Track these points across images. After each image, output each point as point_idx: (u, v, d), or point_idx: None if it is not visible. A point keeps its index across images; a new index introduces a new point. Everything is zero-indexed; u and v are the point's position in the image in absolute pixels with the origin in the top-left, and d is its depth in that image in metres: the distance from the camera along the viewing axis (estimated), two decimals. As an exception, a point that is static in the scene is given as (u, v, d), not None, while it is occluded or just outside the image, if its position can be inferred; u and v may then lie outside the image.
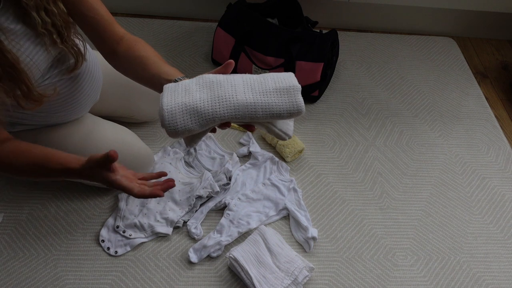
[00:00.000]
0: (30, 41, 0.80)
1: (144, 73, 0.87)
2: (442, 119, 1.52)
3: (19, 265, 1.07)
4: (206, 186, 1.19)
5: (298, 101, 0.74)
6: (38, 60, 0.82)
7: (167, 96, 0.74)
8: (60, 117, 1.01)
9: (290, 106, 0.73)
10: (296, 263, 1.07)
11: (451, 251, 1.19)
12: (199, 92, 0.74)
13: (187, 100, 0.73)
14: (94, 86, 1.04)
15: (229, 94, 0.73)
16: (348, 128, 1.45)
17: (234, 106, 0.73)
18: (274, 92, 0.74)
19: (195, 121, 0.72)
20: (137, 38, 0.92)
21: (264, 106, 0.73)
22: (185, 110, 0.72)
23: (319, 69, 1.41)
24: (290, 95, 0.74)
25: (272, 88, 0.74)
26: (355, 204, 1.26)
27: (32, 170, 0.84)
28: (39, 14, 0.78)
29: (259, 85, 0.75)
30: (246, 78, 0.76)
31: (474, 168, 1.39)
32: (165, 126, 0.73)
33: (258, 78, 0.76)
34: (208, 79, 0.76)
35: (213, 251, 1.11)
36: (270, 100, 0.73)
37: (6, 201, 1.17)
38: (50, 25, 0.81)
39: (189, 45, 1.64)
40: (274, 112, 0.73)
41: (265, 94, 0.74)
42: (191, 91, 0.74)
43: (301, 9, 1.51)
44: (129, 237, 1.12)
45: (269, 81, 0.76)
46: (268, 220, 1.19)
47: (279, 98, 0.74)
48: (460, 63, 1.73)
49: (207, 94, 0.74)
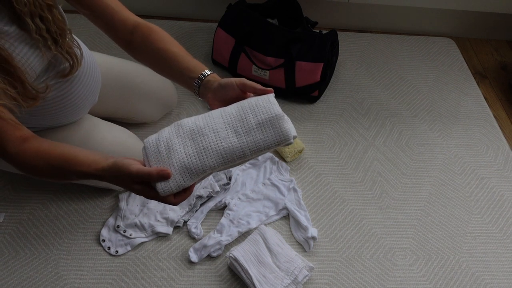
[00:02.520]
0: (24, 43, 0.79)
1: (165, 68, 0.84)
2: (441, 119, 1.53)
3: (20, 265, 1.08)
4: (206, 186, 1.19)
5: (283, 130, 0.72)
6: (33, 62, 0.82)
7: (152, 160, 0.72)
8: (59, 119, 1.01)
9: (277, 137, 0.72)
10: (296, 263, 1.07)
11: (450, 251, 1.20)
12: (183, 147, 0.72)
13: (172, 160, 0.71)
14: (92, 88, 1.04)
15: (213, 143, 0.71)
16: (348, 128, 1.45)
17: (221, 154, 0.71)
18: (257, 129, 0.72)
19: (186, 178, 0.71)
20: (151, 26, 0.89)
21: (251, 145, 0.71)
22: (173, 172, 0.70)
23: (319, 69, 1.42)
24: (274, 127, 0.72)
25: (255, 123, 0.72)
26: (354, 204, 1.27)
27: (53, 173, 0.80)
28: (34, 21, 0.78)
29: (241, 124, 0.72)
30: (226, 118, 0.74)
31: (473, 168, 1.39)
32: (160, 193, 0.71)
33: (238, 115, 0.74)
34: (187, 127, 0.73)
35: (213, 250, 1.11)
36: (255, 138, 0.71)
37: (7, 201, 1.18)
38: (44, 32, 0.80)
39: (189, 45, 1.65)
40: (262, 148, 0.72)
41: (249, 133, 0.72)
42: (174, 148, 0.72)
43: (301, 10, 1.51)
44: (129, 236, 1.12)
45: (249, 115, 0.73)
46: (268, 220, 1.19)
47: (264, 133, 0.72)
48: (459, 64, 1.73)
49: (191, 147, 0.72)
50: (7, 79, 0.75)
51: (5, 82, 0.75)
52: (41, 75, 0.86)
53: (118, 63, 1.21)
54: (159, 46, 0.86)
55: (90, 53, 1.04)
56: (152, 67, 0.91)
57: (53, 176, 0.82)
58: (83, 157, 0.78)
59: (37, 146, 0.80)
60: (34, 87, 0.81)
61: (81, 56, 0.91)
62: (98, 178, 0.76)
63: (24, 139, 0.79)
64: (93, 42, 1.58)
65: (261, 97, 0.76)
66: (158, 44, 0.86)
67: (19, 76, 0.77)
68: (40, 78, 0.86)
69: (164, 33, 0.90)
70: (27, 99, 0.81)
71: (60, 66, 0.90)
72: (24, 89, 0.79)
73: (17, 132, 0.79)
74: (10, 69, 0.76)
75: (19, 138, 0.78)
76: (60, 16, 0.83)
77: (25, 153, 0.78)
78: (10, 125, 0.78)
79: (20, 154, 0.78)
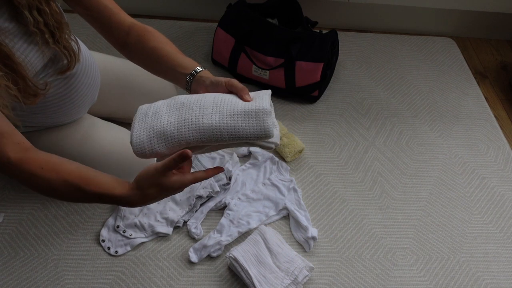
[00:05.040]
0: (23, 40, 0.80)
1: (158, 66, 0.85)
2: (441, 119, 1.52)
3: (19, 265, 1.07)
4: (206, 186, 1.19)
5: (265, 125, 0.72)
6: (33, 59, 0.82)
7: (138, 119, 0.76)
8: (57, 118, 1.01)
9: (257, 129, 0.72)
10: (296, 263, 1.07)
11: (450, 251, 1.20)
12: (168, 115, 0.74)
13: (154, 123, 0.74)
14: (91, 87, 1.04)
15: (195, 117, 0.73)
16: (348, 128, 1.45)
17: (199, 129, 0.72)
18: (241, 115, 0.72)
19: (161, 144, 0.73)
20: (147, 27, 0.90)
21: (230, 129, 0.72)
22: (152, 133, 0.73)
23: (319, 69, 1.41)
24: (258, 119, 0.72)
25: (241, 110, 0.73)
26: (355, 204, 1.26)
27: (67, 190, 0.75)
28: (31, 13, 0.79)
29: (229, 107, 0.73)
30: (217, 99, 0.75)
31: (473, 168, 1.39)
32: (133, 148, 0.73)
33: (230, 99, 0.75)
34: (179, 100, 0.76)
35: (213, 251, 1.11)
36: (236, 123, 0.72)
37: (7, 201, 1.18)
38: (42, 25, 0.80)
39: (189, 45, 1.65)
40: (240, 135, 0.72)
41: (232, 117, 0.72)
42: (160, 114, 0.75)
43: (301, 9, 1.51)
44: (129, 237, 1.12)
45: (239, 102, 0.74)
46: (268, 220, 1.19)
47: (246, 121, 0.72)
48: (459, 63, 1.73)
49: (175, 116, 0.74)
50: (10, 74, 0.76)
51: (8, 78, 0.75)
52: (40, 72, 0.87)
53: (118, 63, 1.21)
54: (153, 45, 0.87)
55: (89, 52, 1.04)
56: (145, 67, 0.91)
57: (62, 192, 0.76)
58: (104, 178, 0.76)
59: (45, 158, 0.76)
60: (34, 83, 0.82)
61: (79, 52, 0.92)
62: (124, 201, 0.74)
63: (24, 148, 0.76)
64: (93, 42, 1.58)
65: (259, 92, 0.77)
66: (151, 43, 0.87)
67: (20, 72, 0.78)
68: (39, 75, 0.87)
69: (159, 33, 0.90)
70: (28, 95, 0.81)
71: (58, 63, 0.90)
72: (26, 85, 0.79)
73: (15, 138, 0.76)
74: (12, 65, 0.76)
75: (18, 145, 0.76)
76: (57, 9, 0.83)
77: (29, 162, 0.75)
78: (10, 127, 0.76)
79: (24, 162, 0.74)
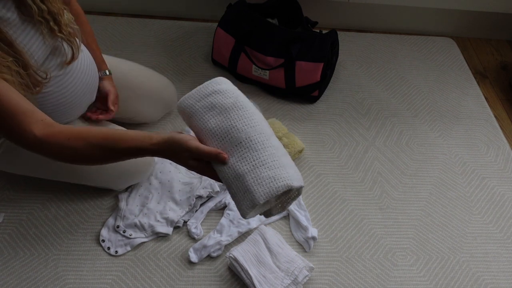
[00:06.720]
0: (26, 31, 0.81)
1: None
2: (441, 119, 1.52)
3: (19, 265, 1.07)
4: (206, 186, 1.19)
5: (265, 193, 0.72)
6: (36, 50, 0.83)
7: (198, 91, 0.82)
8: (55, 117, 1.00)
9: (266, 190, 0.72)
10: (296, 263, 1.07)
11: (450, 251, 1.20)
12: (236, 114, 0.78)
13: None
14: (89, 86, 1.04)
15: (266, 136, 0.77)
16: (348, 128, 1.45)
17: (263, 142, 0.76)
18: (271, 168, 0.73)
19: (214, 122, 0.77)
20: (82, 16, 1.07)
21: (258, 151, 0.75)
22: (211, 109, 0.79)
23: (319, 69, 1.41)
24: (271, 186, 0.72)
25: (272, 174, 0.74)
26: (355, 204, 1.26)
27: (95, 154, 0.77)
28: (35, 2, 0.80)
29: (272, 158, 0.75)
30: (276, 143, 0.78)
31: (473, 168, 1.39)
32: (180, 101, 0.82)
33: (277, 147, 0.77)
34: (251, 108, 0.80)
35: (213, 251, 1.11)
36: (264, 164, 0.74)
37: (7, 201, 1.18)
38: (46, 13, 0.82)
39: (189, 45, 1.65)
40: (256, 165, 0.74)
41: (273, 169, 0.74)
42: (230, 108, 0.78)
43: (301, 9, 1.51)
44: (129, 237, 1.12)
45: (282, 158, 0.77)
46: (268, 220, 1.19)
47: (272, 172, 0.73)
48: (459, 63, 1.73)
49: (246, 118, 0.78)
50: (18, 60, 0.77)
51: (18, 64, 0.76)
52: (41, 65, 0.88)
53: (118, 64, 1.21)
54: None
55: (86, 49, 1.05)
56: None
57: (94, 157, 0.78)
58: (132, 134, 0.77)
59: (69, 129, 0.78)
60: (37, 72, 0.83)
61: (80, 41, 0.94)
62: (152, 153, 0.76)
63: (48, 123, 0.77)
64: (93, 42, 1.58)
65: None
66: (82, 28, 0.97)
67: (25, 59, 0.79)
68: (41, 67, 0.87)
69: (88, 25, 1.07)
70: (32, 85, 0.82)
71: (59, 57, 0.91)
72: (29, 74, 0.80)
73: (38, 115, 0.77)
74: (16, 53, 0.78)
75: (42, 122, 0.76)
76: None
77: (55, 136, 0.76)
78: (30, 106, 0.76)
79: (50, 136, 0.75)
